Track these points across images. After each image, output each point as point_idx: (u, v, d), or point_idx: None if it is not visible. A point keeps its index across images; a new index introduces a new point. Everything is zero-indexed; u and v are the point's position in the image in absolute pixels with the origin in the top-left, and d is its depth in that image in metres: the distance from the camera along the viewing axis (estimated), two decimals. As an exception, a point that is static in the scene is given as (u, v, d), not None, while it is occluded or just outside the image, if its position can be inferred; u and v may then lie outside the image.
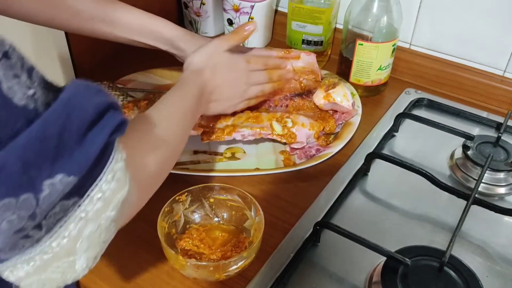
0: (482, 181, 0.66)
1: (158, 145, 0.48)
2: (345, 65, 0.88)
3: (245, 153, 0.75)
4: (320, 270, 0.58)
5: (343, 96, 0.76)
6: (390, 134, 0.79)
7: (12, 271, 0.32)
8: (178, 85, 0.61)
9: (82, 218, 0.33)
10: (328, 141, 0.76)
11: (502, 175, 0.69)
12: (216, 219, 0.63)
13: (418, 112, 0.85)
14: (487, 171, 0.67)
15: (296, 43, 0.95)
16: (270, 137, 0.73)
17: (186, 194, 0.60)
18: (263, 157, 0.74)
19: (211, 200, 0.62)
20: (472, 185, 0.67)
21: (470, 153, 0.71)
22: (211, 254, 0.58)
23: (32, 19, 0.65)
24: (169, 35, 0.71)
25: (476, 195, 0.62)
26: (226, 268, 0.53)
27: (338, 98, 0.75)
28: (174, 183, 0.61)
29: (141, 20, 0.70)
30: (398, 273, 0.53)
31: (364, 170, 0.71)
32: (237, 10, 0.97)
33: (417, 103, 0.87)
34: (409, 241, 0.58)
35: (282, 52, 0.77)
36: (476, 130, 0.81)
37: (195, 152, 0.75)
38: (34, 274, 0.32)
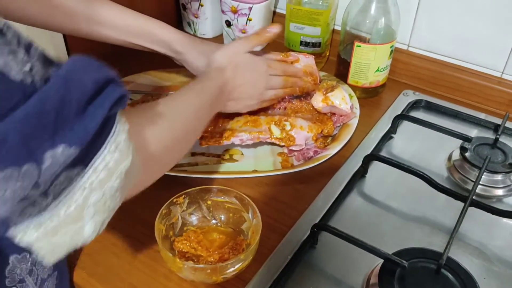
0: (480, 183, 0.66)
1: (169, 124, 0.49)
2: (343, 66, 0.88)
3: (243, 155, 0.75)
4: (317, 272, 0.58)
5: (342, 99, 0.76)
6: (388, 136, 0.79)
7: (23, 236, 0.33)
8: (200, 79, 0.62)
9: (86, 188, 0.34)
10: (326, 143, 0.76)
11: (499, 177, 0.69)
12: (213, 221, 0.63)
13: (416, 113, 0.85)
14: (485, 173, 0.68)
15: (294, 45, 0.95)
16: (268, 140, 0.73)
17: (183, 196, 0.60)
18: (261, 159, 0.74)
19: (209, 202, 0.62)
20: (469, 187, 0.67)
21: (467, 154, 0.71)
22: (209, 256, 0.58)
23: (28, 21, 0.65)
24: (166, 38, 0.71)
25: (473, 197, 0.62)
26: (223, 270, 0.53)
27: (337, 101, 0.75)
28: (171, 185, 0.61)
29: (138, 22, 0.70)
30: (395, 275, 0.53)
31: (362, 172, 0.71)
32: (235, 11, 0.97)
33: (415, 105, 0.87)
34: (406, 243, 0.58)
35: (281, 55, 0.77)
36: (473, 132, 0.81)
37: (193, 154, 0.75)
38: (44, 239, 0.34)
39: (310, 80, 0.79)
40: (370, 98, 0.88)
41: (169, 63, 0.77)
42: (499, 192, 0.69)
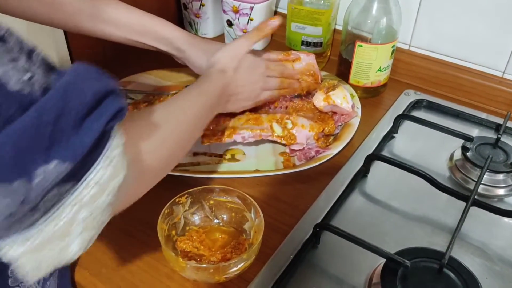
0: (482, 182, 0.66)
1: (165, 135, 0.48)
2: (344, 66, 0.88)
3: (244, 154, 0.75)
4: (319, 272, 0.58)
5: (343, 98, 0.76)
6: (390, 136, 0.80)
7: (8, 250, 0.32)
8: (201, 80, 0.62)
9: (77, 203, 0.33)
10: (327, 142, 0.76)
11: (501, 177, 0.69)
12: (216, 221, 0.63)
13: (417, 113, 0.85)
14: (487, 173, 0.68)
15: (295, 45, 0.95)
16: (270, 138, 0.73)
17: (186, 196, 0.60)
18: (263, 159, 0.74)
19: (211, 202, 0.62)
20: (471, 186, 0.67)
21: (469, 154, 0.71)
22: (211, 256, 0.58)
23: (30, 17, 0.65)
24: (169, 36, 0.71)
25: (475, 197, 0.62)
26: (226, 270, 0.53)
27: (338, 100, 0.76)
28: (174, 185, 0.61)
29: (141, 20, 0.70)
30: (397, 274, 0.53)
31: (363, 172, 0.71)
32: (236, 11, 0.97)
33: (416, 105, 0.87)
34: (408, 242, 0.58)
35: (282, 54, 0.77)
36: (475, 132, 0.81)
37: (195, 153, 0.75)
38: (29, 254, 0.33)
39: (311, 79, 0.79)
40: (372, 98, 0.88)
41: (170, 63, 0.77)
42: (501, 191, 0.69)
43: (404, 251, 0.55)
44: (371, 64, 0.83)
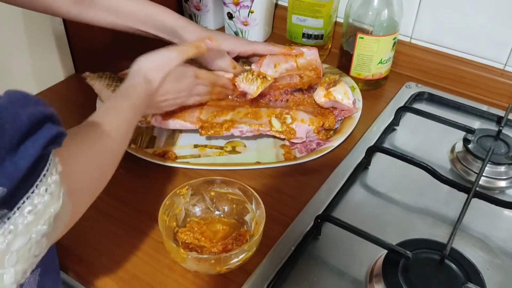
0: (483, 174, 0.66)
1: (99, 156, 0.46)
2: (345, 58, 0.87)
3: (245, 147, 0.75)
4: (320, 263, 0.58)
5: (344, 94, 0.75)
6: (391, 128, 0.79)
7: None
8: (130, 92, 0.59)
9: (11, 231, 0.31)
10: (328, 135, 0.76)
11: (502, 169, 0.69)
12: (217, 213, 0.62)
13: (418, 105, 0.85)
14: (488, 165, 0.67)
15: (296, 37, 0.95)
16: (268, 133, 0.73)
17: (187, 187, 0.60)
18: (264, 151, 0.74)
19: (212, 193, 0.62)
20: (472, 178, 0.67)
21: (470, 146, 0.71)
22: (212, 247, 0.58)
23: (30, 5, 0.64)
24: (171, 25, 0.71)
25: (476, 189, 0.62)
26: (227, 261, 0.53)
27: (339, 96, 0.75)
28: (174, 177, 0.61)
29: (144, 8, 0.70)
30: (399, 266, 0.53)
31: (364, 164, 0.71)
32: (237, 3, 0.97)
33: (417, 97, 0.87)
34: (410, 234, 0.58)
35: (285, 48, 0.77)
36: (476, 124, 0.81)
37: (196, 146, 0.75)
38: None
39: (313, 73, 0.79)
40: (373, 90, 0.88)
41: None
42: (502, 183, 0.69)
43: (405, 243, 0.55)
44: (372, 56, 0.83)
